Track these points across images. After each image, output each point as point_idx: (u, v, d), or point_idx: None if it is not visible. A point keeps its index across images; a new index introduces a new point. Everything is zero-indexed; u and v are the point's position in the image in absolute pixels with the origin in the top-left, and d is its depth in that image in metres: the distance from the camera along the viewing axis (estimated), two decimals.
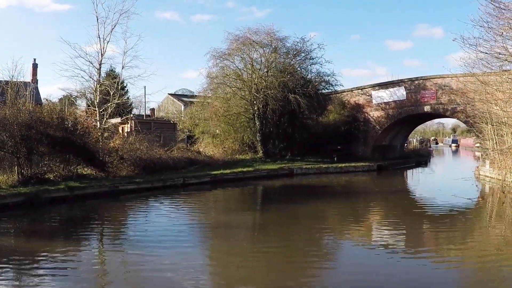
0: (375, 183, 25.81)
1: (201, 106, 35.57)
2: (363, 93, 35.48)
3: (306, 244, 10.93)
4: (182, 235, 11.77)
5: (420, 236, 12.05)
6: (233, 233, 12.30)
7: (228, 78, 32.76)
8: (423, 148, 53.25)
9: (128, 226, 13.80)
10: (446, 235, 11.76)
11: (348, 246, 10.78)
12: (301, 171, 28.75)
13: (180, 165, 26.11)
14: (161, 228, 12.54)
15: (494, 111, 23.61)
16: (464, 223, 13.81)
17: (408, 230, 12.55)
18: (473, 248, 10.31)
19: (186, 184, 22.44)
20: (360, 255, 9.90)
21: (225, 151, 32.68)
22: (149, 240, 11.06)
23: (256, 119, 32.08)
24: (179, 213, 15.41)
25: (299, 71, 33.82)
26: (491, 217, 14.57)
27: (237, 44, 32.25)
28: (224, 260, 9.76)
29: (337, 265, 9.44)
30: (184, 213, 15.73)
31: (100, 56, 26.63)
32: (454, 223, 13.57)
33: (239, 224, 13.57)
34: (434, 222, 13.84)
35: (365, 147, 35.68)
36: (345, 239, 11.52)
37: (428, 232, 12.42)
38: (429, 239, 11.66)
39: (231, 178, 24.92)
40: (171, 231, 12.18)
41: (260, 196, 21.44)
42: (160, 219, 14.36)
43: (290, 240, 11.51)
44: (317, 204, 16.98)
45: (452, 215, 15.02)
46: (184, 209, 16.88)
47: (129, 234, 12.31)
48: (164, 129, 42.32)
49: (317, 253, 10.26)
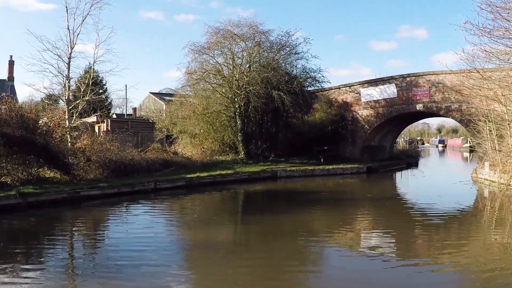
0: (366, 188, 23.67)
1: (180, 104, 33.46)
2: (351, 91, 33.52)
3: (291, 262, 8.92)
4: (147, 256, 9.38)
5: (422, 245, 10.35)
6: (210, 247, 10.25)
7: (207, 73, 30.53)
8: (412, 149, 51.48)
9: (79, 244, 11.41)
10: (445, 243, 10.58)
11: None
12: (285, 174, 26.64)
13: (155, 167, 24.13)
14: (121, 247, 10.23)
15: (493, 109, 21.86)
16: (468, 231, 12.31)
17: (419, 247, 10.51)
18: (473, 256, 9.46)
19: (158, 189, 20.37)
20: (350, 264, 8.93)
21: (204, 152, 30.59)
22: (102, 266, 8.82)
23: (238, 117, 30.00)
24: (145, 226, 12.87)
25: (283, 66, 31.80)
26: (496, 225, 13.01)
27: (217, 37, 30.05)
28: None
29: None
30: (151, 225, 13.14)
31: (70, 50, 24.47)
32: (458, 231, 12.15)
33: (216, 237, 11.61)
34: (441, 232, 11.85)
35: (353, 148, 33.72)
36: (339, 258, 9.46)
37: (430, 241, 10.73)
38: (430, 247, 10.35)
39: (209, 181, 22.79)
40: (132, 252, 9.74)
41: (238, 203, 19.04)
42: (121, 234, 11.99)
43: (273, 256, 9.56)
44: (302, 215, 14.72)
45: (459, 224, 13.13)
46: (153, 219, 14.34)
47: (76, 258, 9.84)
48: (142, 129, 40.83)
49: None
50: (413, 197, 19.57)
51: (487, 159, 22.89)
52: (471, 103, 26.31)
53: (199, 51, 30.18)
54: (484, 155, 23.90)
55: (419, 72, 30.21)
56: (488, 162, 22.74)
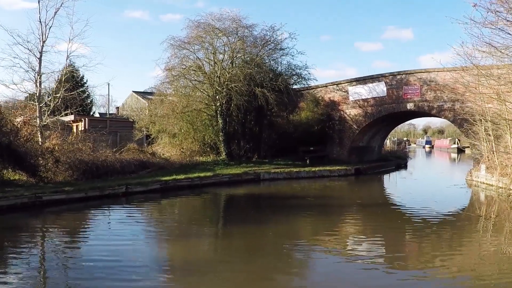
0: (355, 192, 21.96)
1: (160, 102, 31.73)
2: (339, 89, 32.01)
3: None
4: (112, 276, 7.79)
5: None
6: (190, 263, 8.96)
7: (187, 70, 28.85)
8: (400, 150, 50.24)
9: (19, 267, 9.08)
10: (440, 249, 9.95)
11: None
12: (268, 176, 25.02)
13: (130, 168, 22.65)
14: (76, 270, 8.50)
15: (489, 108, 20.49)
16: (464, 237, 11.41)
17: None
18: (468, 263, 8.98)
19: (130, 193, 18.67)
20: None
21: (183, 152, 28.90)
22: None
23: (219, 116, 28.35)
24: (110, 239, 11.07)
25: (268, 63, 30.22)
26: (493, 232, 11.96)
27: (198, 31, 28.35)
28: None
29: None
30: (118, 237, 11.26)
31: (41, 43, 22.76)
32: (454, 238, 11.23)
33: (194, 250, 10.15)
34: (435, 239, 10.46)
35: (340, 149, 32.21)
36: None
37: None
38: (423, 254, 9.54)
39: (186, 185, 21.16)
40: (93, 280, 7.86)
41: (216, 210, 17.19)
42: (77, 251, 10.18)
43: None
44: (286, 224, 13.12)
45: (456, 231, 11.96)
46: (120, 229, 12.54)
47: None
48: (122, 128, 39.50)
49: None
50: (407, 202, 17.91)
51: (484, 161, 21.49)
52: (466, 102, 24.99)
53: (179, 46, 28.46)
54: (480, 157, 22.49)
55: (410, 69, 28.77)
56: (485, 164, 21.36)
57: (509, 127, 17.90)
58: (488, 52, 15.79)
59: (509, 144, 18.26)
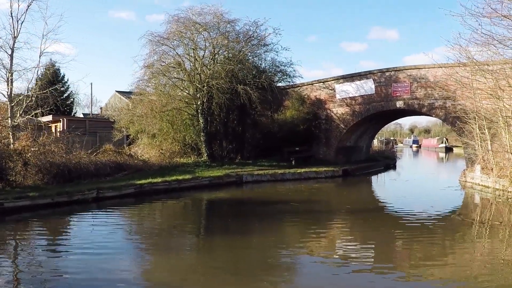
0: (344, 196, 20.45)
1: (139, 101, 30.24)
2: (325, 87, 30.76)
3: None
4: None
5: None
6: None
7: (166, 67, 27.40)
8: (389, 150, 49.14)
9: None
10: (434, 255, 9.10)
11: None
12: (251, 179, 23.64)
13: (105, 171, 21.35)
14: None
15: (484, 105, 19.41)
16: (459, 242, 10.58)
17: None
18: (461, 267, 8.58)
19: (102, 198, 17.27)
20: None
21: (162, 153, 27.47)
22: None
23: (200, 115, 26.97)
24: (73, 253, 9.79)
25: (251, 59, 28.86)
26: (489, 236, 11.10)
27: (177, 26, 26.91)
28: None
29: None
30: (83, 251, 9.82)
31: (13, 39, 21.27)
32: (449, 244, 10.34)
33: (166, 267, 8.74)
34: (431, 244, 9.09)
35: (327, 149, 30.98)
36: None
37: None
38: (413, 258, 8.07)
39: (163, 188, 19.78)
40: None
41: (192, 218, 15.55)
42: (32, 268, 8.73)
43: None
44: (271, 234, 11.76)
45: (454, 237, 10.71)
46: (83, 240, 10.95)
47: None
48: (102, 128, 38.30)
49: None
50: (400, 207, 16.29)
51: (479, 161, 20.30)
52: (458, 100, 23.91)
53: (157, 42, 26.98)
54: (475, 157, 21.28)
55: (399, 66, 27.62)
56: (480, 164, 20.19)
57: (508, 124, 16.68)
58: (486, 43, 14.67)
59: (508, 143, 17.05)
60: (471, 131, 20.98)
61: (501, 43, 13.64)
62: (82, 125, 39.65)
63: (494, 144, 19.40)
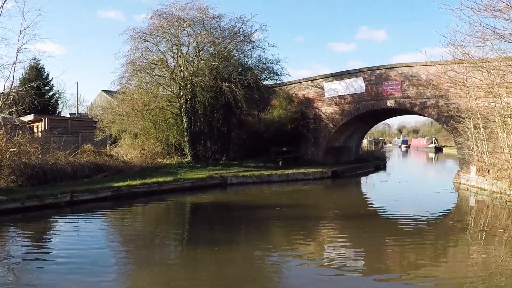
0: (333, 199, 19.26)
1: (121, 99, 29.05)
2: (314, 85, 29.77)
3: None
4: None
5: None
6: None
7: (149, 64, 26.26)
8: (378, 150, 48.26)
9: None
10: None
11: None
12: (236, 180, 22.57)
13: (83, 172, 20.27)
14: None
15: (479, 104, 18.52)
16: (453, 247, 8.73)
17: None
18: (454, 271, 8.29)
19: (76, 202, 16.14)
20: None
21: (144, 154, 26.31)
22: None
23: (183, 114, 25.86)
24: (38, 264, 8.71)
25: (236, 56, 27.77)
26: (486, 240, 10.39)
27: (160, 22, 25.78)
28: None
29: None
30: (51, 261, 8.93)
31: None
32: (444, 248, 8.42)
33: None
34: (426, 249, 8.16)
35: (315, 149, 30.01)
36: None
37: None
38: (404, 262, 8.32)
39: (142, 191, 18.67)
40: None
41: (171, 226, 14.19)
42: None
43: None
44: (256, 246, 10.72)
45: (449, 242, 9.39)
46: (58, 250, 9.95)
47: None
48: (84, 128, 37.22)
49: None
50: (394, 212, 15.20)
51: (474, 162, 19.38)
52: (451, 98, 23.05)
53: (140, 38, 25.83)
54: (470, 158, 20.36)
55: (390, 64, 26.65)
56: (475, 166, 19.27)
57: (507, 124, 15.76)
58: (483, 38, 13.73)
59: (506, 143, 16.13)
60: (465, 130, 20.08)
61: (502, 37, 12.67)
62: (64, 125, 38.49)
63: (489, 144, 18.52)
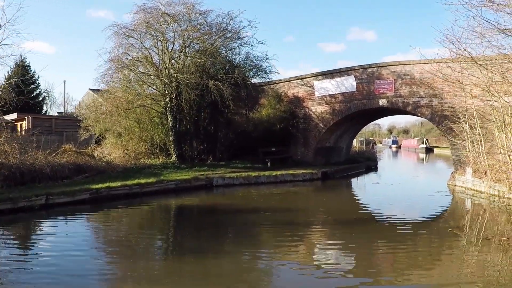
0: (323, 203, 18.19)
1: (105, 98, 28.07)
2: (304, 84, 28.91)
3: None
4: None
5: None
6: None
7: (133, 60, 25.27)
8: (369, 150, 47.51)
9: None
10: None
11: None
12: (223, 182, 21.65)
13: (63, 173, 19.30)
14: None
15: (476, 103, 17.76)
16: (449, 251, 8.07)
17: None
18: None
19: (51, 205, 15.19)
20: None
21: (128, 154, 25.34)
22: None
23: (169, 113, 24.90)
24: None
25: (224, 53, 26.84)
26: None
27: (144, 17, 24.80)
28: None
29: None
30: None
31: None
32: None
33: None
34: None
35: (305, 149, 29.14)
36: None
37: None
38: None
39: (122, 193, 17.71)
40: None
41: (149, 233, 13.16)
42: None
43: None
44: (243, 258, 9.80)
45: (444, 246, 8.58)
46: (29, 257, 8.94)
47: None
48: (69, 127, 36.36)
49: None
50: (389, 218, 14.10)
51: (471, 164, 18.59)
52: (445, 98, 22.32)
53: (124, 33, 24.83)
54: (466, 158, 19.57)
55: (383, 62, 25.90)
56: (471, 167, 18.49)
57: (506, 124, 14.96)
58: (482, 33, 12.93)
59: (505, 143, 15.33)
60: (461, 130, 19.29)
61: (504, 32, 11.87)
62: (48, 124, 37.53)
63: (486, 145, 17.76)
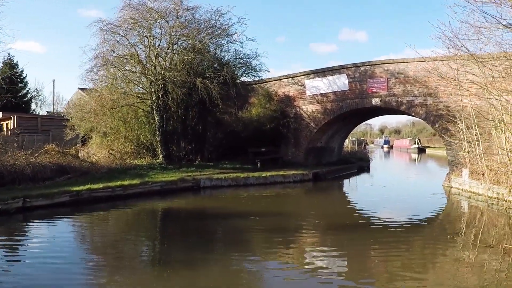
0: (315, 206, 17.35)
1: (90, 96, 27.28)
2: (295, 83, 28.19)
3: None
4: None
5: None
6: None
7: (119, 57, 24.43)
8: (361, 151, 46.89)
9: None
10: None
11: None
12: (210, 183, 20.87)
13: (45, 174, 18.62)
14: None
15: (472, 102, 17.12)
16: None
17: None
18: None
19: (29, 208, 14.46)
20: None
21: (113, 154, 24.52)
22: None
23: (155, 112, 24.10)
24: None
25: (212, 50, 26.06)
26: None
27: (130, 13, 23.97)
28: None
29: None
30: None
31: None
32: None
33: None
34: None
35: (296, 150, 28.42)
36: None
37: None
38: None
39: (104, 196, 16.96)
40: None
41: (128, 238, 12.36)
42: None
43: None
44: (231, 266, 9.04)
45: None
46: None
47: None
48: (56, 127, 35.49)
49: None
50: (385, 222, 13.34)
51: (468, 165, 17.94)
52: (440, 97, 21.70)
53: (109, 30, 23.99)
54: (462, 159, 18.91)
55: (376, 60, 25.22)
56: (468, 168, 17.84)
57: (506, 123, 14.30)
58: (481, 27, 12.27)
59: (505, 144, 14.67)
60: (457, 130, 18.65)
61: (508, 27, 11.20)
62: (34, 123, 36.72)
63: (484, 145, 17.13)
